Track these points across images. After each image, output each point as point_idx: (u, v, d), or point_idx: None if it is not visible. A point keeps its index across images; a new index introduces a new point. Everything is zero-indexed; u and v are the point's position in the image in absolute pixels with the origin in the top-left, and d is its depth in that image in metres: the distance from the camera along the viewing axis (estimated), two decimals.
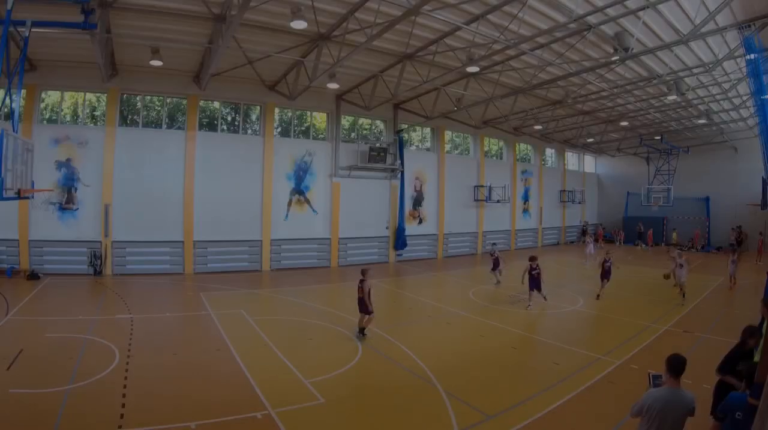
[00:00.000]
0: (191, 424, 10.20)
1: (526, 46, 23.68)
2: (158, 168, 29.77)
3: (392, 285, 28.64)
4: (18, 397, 11.18)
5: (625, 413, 10.76)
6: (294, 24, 19.99)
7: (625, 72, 27.63)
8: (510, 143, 49.85)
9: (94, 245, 28.15)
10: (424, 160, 41.47)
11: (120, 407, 10.84)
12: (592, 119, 42.66)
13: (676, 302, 22.61)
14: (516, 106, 35.58)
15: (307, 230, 34.65)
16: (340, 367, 14.12)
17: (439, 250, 42.12)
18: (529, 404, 11.63)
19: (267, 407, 11.09)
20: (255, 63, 27.63)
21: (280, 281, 27.19)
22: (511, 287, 26.02)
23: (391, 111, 38.56)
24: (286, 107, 34.57)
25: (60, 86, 28.66)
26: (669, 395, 7.11)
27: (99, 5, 18.85)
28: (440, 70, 27.65)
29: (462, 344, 17.18)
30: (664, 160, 50.48)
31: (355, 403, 11.94)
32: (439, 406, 11.53)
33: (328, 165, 35.58)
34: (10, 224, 26.66)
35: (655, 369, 14.07)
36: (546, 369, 14.37)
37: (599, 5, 19.22)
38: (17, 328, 17.15)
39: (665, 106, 36.74)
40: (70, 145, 27.90)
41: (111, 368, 13.26)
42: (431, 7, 18.64)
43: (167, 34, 23.05)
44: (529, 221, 52.42)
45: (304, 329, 18.25)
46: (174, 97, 31.29)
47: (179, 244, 30.12)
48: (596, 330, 19.14)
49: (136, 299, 22.31)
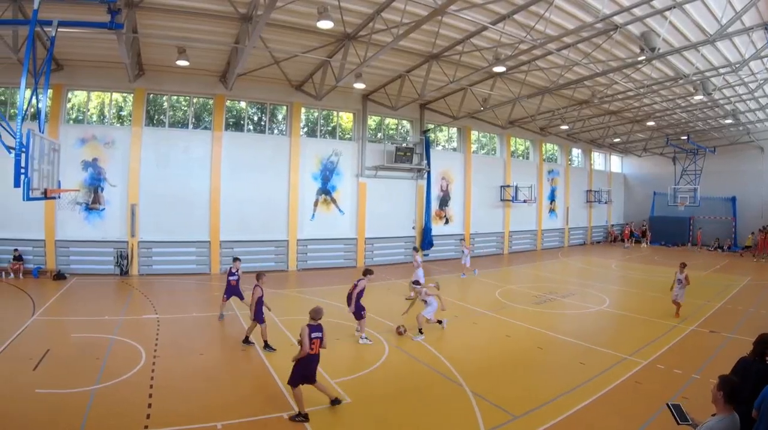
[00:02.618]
0: (217, 424, 10.28)
1: (553, 46, 23.57)
2: (184, 168, 29.79)
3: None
4: (44, 397, 11.22)
5: (651, 413, 10.72)
6: (320, 24, 19.77)
7: (651, 72, 27.19)
8: (536, 143, 49.47)
9: (120, 245, 28.24)
10: (450, 160, 41.27)
11: (146, 407, 10.94)
12: (619, 119, 42.22)
13: (677, 320, 20.34)
14: (542, 106, 35.38)
15: (333, 230, 34.56)
16: (366, 367, 14.25)
17: None
18: (555, 404, 11.61)
19: (293, 407, 11.04)
20: (281, 63, 27.58)
21: (306, 281, 27.12)
22: (538, 287, 25.74)
23: (418, 111, 38.37)
24: (312, 107, 34.50)
25: (86, 86, 28.75)
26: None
27: (125, 5, 18.79)
28: (466, 70, 27.36)
29: (488, 344, 17.19)
30: (690, 160, 50.22)
31: (381, 403, 11.86)
32: (466, 406, 11.57)
33: (354, 165, 35.48)
34: (36, 224, 26.84)
35: (681, 368, 14.18)
36: (572, 369, 14.33)
37: (626, 5, 19.16)
38: (43, 328, 17.22)
39: (692, 106, 36.19)
40: (97, 145, 27.99)
41: (137, 368, 13.32)
42: (457, 7, 18.60)
43: (194, 34, 22.97)
44: (556, 220, 52.01)
45: (330, 329, 17.99)
46: (200, 97, 31.29)
47: (206, 244, 30.15)
48: (622, 330, 18.89)
49: (163, 299, 22.32)
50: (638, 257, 42.89)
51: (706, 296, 24.81)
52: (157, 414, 10.61)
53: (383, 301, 24.24)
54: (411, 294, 22.91)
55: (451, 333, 18.34)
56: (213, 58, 27.25)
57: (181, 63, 24.81)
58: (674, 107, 36.94)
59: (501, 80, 30.55)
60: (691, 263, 37.57)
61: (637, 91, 30.59)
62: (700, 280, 28.68)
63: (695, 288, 25.69)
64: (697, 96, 30.59)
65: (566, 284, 28.93)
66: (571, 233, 53.92)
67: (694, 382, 13.04)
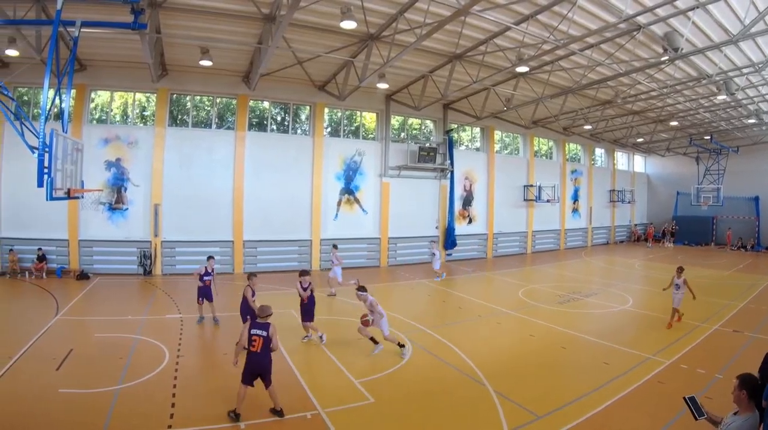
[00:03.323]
0: (241, 424, 10.29)
1: (576, 47, 23.51)
2: (208, 168, 29.87)
3: (442, 284, 28.25)
4: (68, 397, 11.24)
5: (675, 413, 10.79)
6: (344, 24, 19.74)
7: (674, 72, 26.95)
8: (559, 143, 49.20)
9: (143, 244, 28.37)
10: (473, 160, 41.09)
11: (170, 407, 10.96)
12: (642, 119, 41.93)
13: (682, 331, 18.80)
14: (565, 106, 35.09)
15: (356, 229, 34.53)
16: (389, 367, 14.15)
17: (489, 249, 41.79)
18: (578, 404, 11.57)
19: (317, 407, 11.17)
20: (304, 63, 27.55)
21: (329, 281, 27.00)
22: (561, 287, 25.72)
23: (441, 111, 38.25)
24: (335, 107, 34.47)
25: (109, 86, 28.91)
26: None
27: (149, 5, 18.86)
28: (489, 70, 27.28)
29: (512, 343, 17.16)
30: (713, 160, 50.33)
31: (404, 403, 11.79)
32: (489, 406, 11.52)
33: (377, 165, 35.41)
34: (60, 224, 27.07)
35: (704, 367, 13.98)
36: (596, 369, 14.28)
37: (649, 5, 19.15)
38: (67, 328, 17.26)
39: (715, 106, 35.92)
40: (120, 145, 28.14)
41: (161, 368, 13.35)
42: (481, 7, 18.50)
43: (217, 34, 23.01)
44: (579, 220, 51.78)
45: (353, 328, 18.01)
46: (223, 97, 31.35)
47: (229, 243, 30.23)
48: (645, 329, 18.71)
49: (186, 299, 22.27)
50: (661, 257, 42.62)
51: (729, 296, 24.72)
52: (180, 414, 10.62)
53: (407, 300, 24.22)
54: (332, 290, 23.60)
55: (474, 333, 18.37)
56: (236, 58, 27.27)
57: (204, 63, 24.89)
58: (697, 107, 36.56)
59: (524, 80, 30.43)
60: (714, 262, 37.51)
61: (660, 91, 30.36)
62: (723, 279, 28.36)
63: (718, 288, 25.79)
64: (720, 96, 30.23)
65: (589, 284, 28.84)
66: (594, 232, 53.66)
67: (717, 382, 12.98)
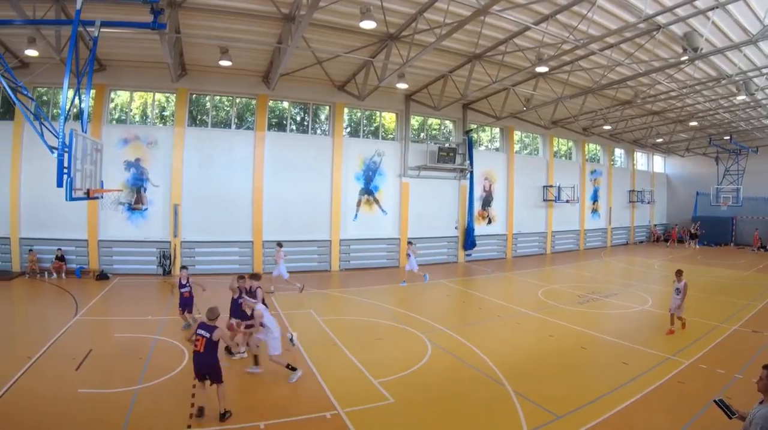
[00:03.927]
0: (260, 424, 10.32)
1: (596, 46, 23.41)
2: (227, 168, 29.85)
3: (461, 285, 28.30)
4: (87, 396, 11.30)
5: (694, 412, 10.96)
6: (363, 24, 19.63)
7: (694, 72, 26.73)
8: (579, 143, 48.86)
9: (163, 245, 28.41)
10: (493, 161, 40.87)
11: (189, 407, 10.95)
12: (662, 119, 41.61)
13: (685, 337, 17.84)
14: (585, 106, 34.84)
15: (376, 230, 34.41)
16: (409, 367, 14.10)
17: (509, 250, 41.58)
18: (598, 404, 11.57)
19: (336, 407, 11.19)
20: (324, 63, 27.50)
21: (349, 281, 27.00)
22: (581, 287, 25.76)
23: (460, 111, 38.07)
24: (355, 107, 34.38)
25: (129, 86, 28.98)
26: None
27: (168, 5, 18.86)
28: (509, 70, 27.13)
29: (531, 344, 17.15)
30: (733, 160, 50.03)
31: (424, 403, 11.76)
32: (509, 406, 11.52)
33: (397, 165, 35.29)
34: (79, 224, 27.19)
35: (723, 367, 13.92)
36: (615, 369, 14.28)
37: (668, 5, 19.02)
38: (86, 328, 17.30)
39: (734, 106, 35.56)
40: (139, 145, 28.19)
41: (180, 368, 13.39)
42: (500, 7, 18.42)
43: (236, 34, 22.98)
44: (598, 221, 51.40)
45: (373, 328, 18.12)
46: (243, 97, 31.35)
47: (248, 244, 30.21)
48: (665, 330, 18.44)
49: (206, 299, 22.29)
50: (681, 257, 42.24)
51: (748, 296, 24.60)
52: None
53: (426, 301, 24.13)
54: (271, 288, 23.22)
55: (494, 333, 18.32)
56: (255, 58, 27.25)
57: (223, 63, 24.85)
58: (717, 107, 36.24)
59: (544, 80, 30.24)
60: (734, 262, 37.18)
61: (679, 91, 30.09)
62: (743, 280, 28.12)
63: (737, 288, 25.59)
64: (739, 96, 29.97)
65: (609, 284, 28.64)
66: (613, 232, 53.30)
67: (737, 381, 12.94)
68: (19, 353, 13.92)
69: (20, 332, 16.91)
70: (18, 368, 12.71)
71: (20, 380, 12.04)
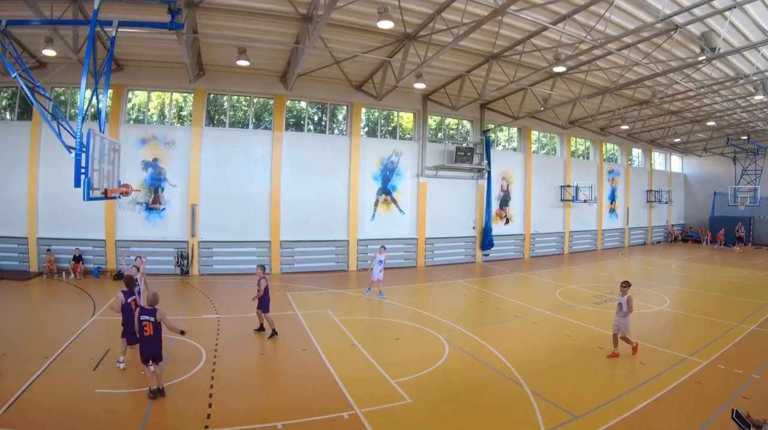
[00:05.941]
0: (278, 424, 10.26)
1: (613, 46, 23.42)
2: (245, 168, 29.90)
3: (479, 285, 28.23)
4: (104, 397, 11.31)
5: (712, 413, 10.96)
6: (381, 24, 19.60)
7: (711, 72, 26.63)
8: (596, 143, 48.60)
9: (180, 245, 28.47)
10: (510, 160, 40.74)
11: (207, 407, 11.00)
12: (679, 119, 41.34)
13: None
14: (603, 105, 34.64)
15: (393, 230, 34.31)
16: (426, 367, 14.07)
17: (526, 250, 41.41)
18: (615, 404, 11.55)
19: (354, 407, 11.15)
20: (341, 63, 27.52)
21: (366, 282, 26.83)
22: (598, 287, 25.84)
23: (478, 111, 37.95)
24: (372, 107, 34.33)
25: (146, 86, 29.07)
26: None
27: (186, 5, 18.89)
28: (527, 70, 26.96)
29: (549, 343, 16.99)
30: (750, 160, 49.82)
31: (442, 403, 11.72)
32: (526, 406, 11.51)
33: (414, 165, 35.21)
34: (96, 224, 27.29)
35: (741, 368, 13.83)
36: (633, 369, 14.32)
37: (686, 5, 19.07)
38: (104, 328, 17.27)
39: (752, 106, 35.20)
40: (157, 145, 28.27)
41: (198, 368, 13.41)
42: (518, 7, 18.58)
43: (254, 34, 23.00)
44: (616, 220, 51.10)
45: (390, 328, 18.09)
46: (261, 97, 31.34)
47: (266, 244, 30.19)
48: (682, 330, 18.59)
49: (223, 299, 22.36)
50: (698, 257, 42.04)
51: (766, 296, 24.43)
52: (217, 414, 10.63)
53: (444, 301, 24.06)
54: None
55: (511, 333, 18.34)
56: (273, 58, 27.24)
57: (241, 63, 24.90)
58: (734, 107, 35.92)
59: (561, 80, 30.11)
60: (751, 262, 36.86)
61: (697, 91, 29.80)
62: (760, 280, 27.99)
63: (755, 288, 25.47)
64: (757, 96, 29.90)
65: None
66: (631, 232, 53.00)
67: (754, 382, 12.93)
68: (37, 352, 13.97)
69: (38, 331, 16.98)
70: (36, 367, 12.73)
71: (38, 379, 12.05)
